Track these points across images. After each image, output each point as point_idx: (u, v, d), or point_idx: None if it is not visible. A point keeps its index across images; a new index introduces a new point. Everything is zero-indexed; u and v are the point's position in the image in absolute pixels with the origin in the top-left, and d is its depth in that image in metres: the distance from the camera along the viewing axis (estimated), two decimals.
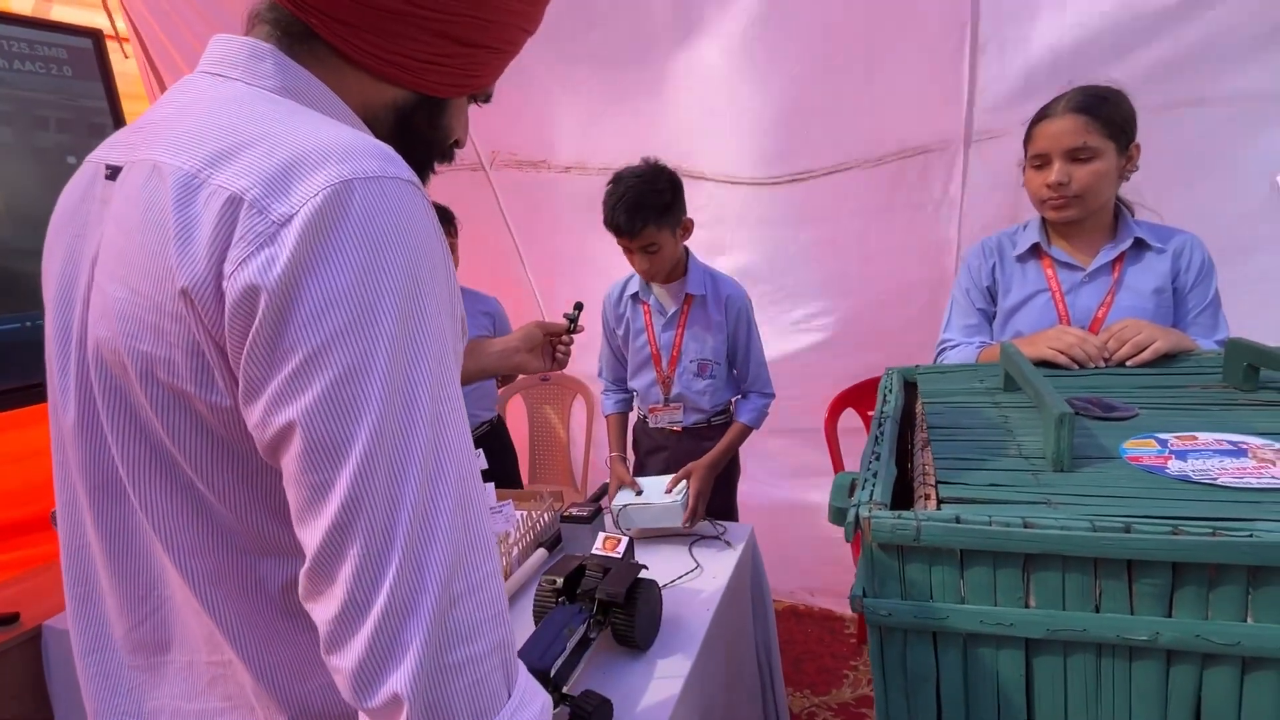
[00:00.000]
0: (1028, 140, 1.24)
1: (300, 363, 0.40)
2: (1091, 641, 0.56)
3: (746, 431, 1.70)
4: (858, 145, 1.84)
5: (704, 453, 1.70)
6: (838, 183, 1.91)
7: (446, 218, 2.04)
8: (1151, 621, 0.54)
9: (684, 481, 1.52)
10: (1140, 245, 1.23)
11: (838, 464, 2.06)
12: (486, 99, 0.67)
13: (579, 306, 1.25)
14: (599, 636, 1.07)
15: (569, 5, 1.90)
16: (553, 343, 1.18)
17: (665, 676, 1.06)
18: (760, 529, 1.55)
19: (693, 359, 1.67)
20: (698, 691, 1.10)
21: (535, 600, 1.13)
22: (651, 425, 1.77)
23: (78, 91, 1.97)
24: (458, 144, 0.67)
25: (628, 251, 1.57)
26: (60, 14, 2.15)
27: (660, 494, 1.51)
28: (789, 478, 2.41)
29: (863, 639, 2.26)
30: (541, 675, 0.91)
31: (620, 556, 1.17)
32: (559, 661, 0.94)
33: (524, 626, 1.21)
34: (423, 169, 0.64)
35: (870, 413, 2.04)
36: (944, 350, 1.38)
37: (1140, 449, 0.70)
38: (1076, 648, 0.57)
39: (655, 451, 1.80)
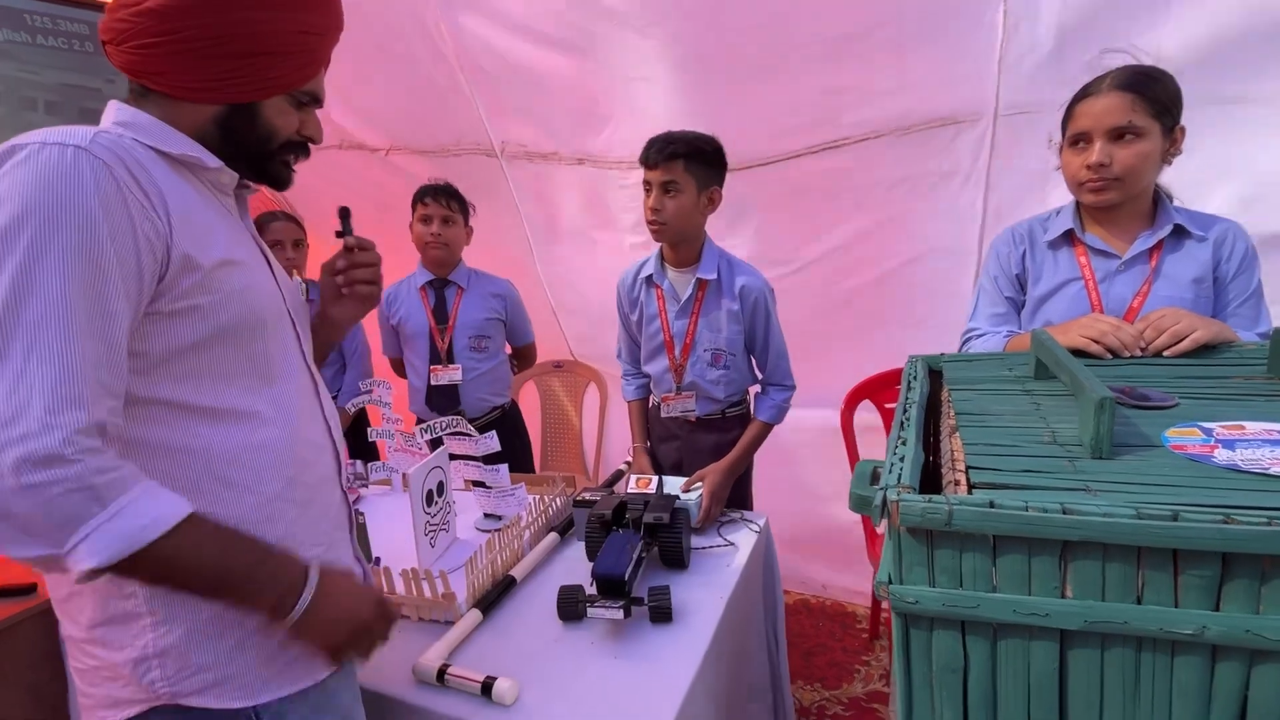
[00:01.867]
0: (1067, 119, 1.19)
1: None
2: (1132, 634, 0.53)
3: (766, 429, 1.65)
4: (889, 114, 1.81)
5: (716, 444, 1.68)
6: (867, 151, 1.88)
7: (443, 191, 2.03)
8: (1198, 615, 0.51)
9: (700, 483, 1.50)
10: (1180, 233, 1.18)
11: (854, 456, 2.04)
12: (312, 100, 0.84)
13: (344, 212, 0.99)
14: (647, 559, 1.26)
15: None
16: (339, 276, 0.98)
17: (686, 648, 1.07)
18: (772, 521, 1.53)
19: (706, 348, 1.63)
20: (713, 665, 1.08)
21: (586, 535, 1.31)
22: (664, 415, 1.74)
23: (98, 67, 1.97)
24: (311, 140, 0.86)
25: (647, 192, 1.52)
26: None
27: (676, 492, 1.50)
28: (802, 470, 2.39)
29: (874, 634, 2.24)
30: (617, 581, 1.09)
31: (654, 492, 1.39)
32: (629, 568, 1.11)
33: (548, 612, 1.20)
34: (263, 163, 0.83)
35: (888, 405, 2.03)
36: (969, 339, 1.34)
37: (1184, 437, 0.66)
38: (1115, 640, 0.54)
39: (667, 440, 1.77)
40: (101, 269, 0.64)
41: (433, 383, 2.09)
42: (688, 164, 1.47)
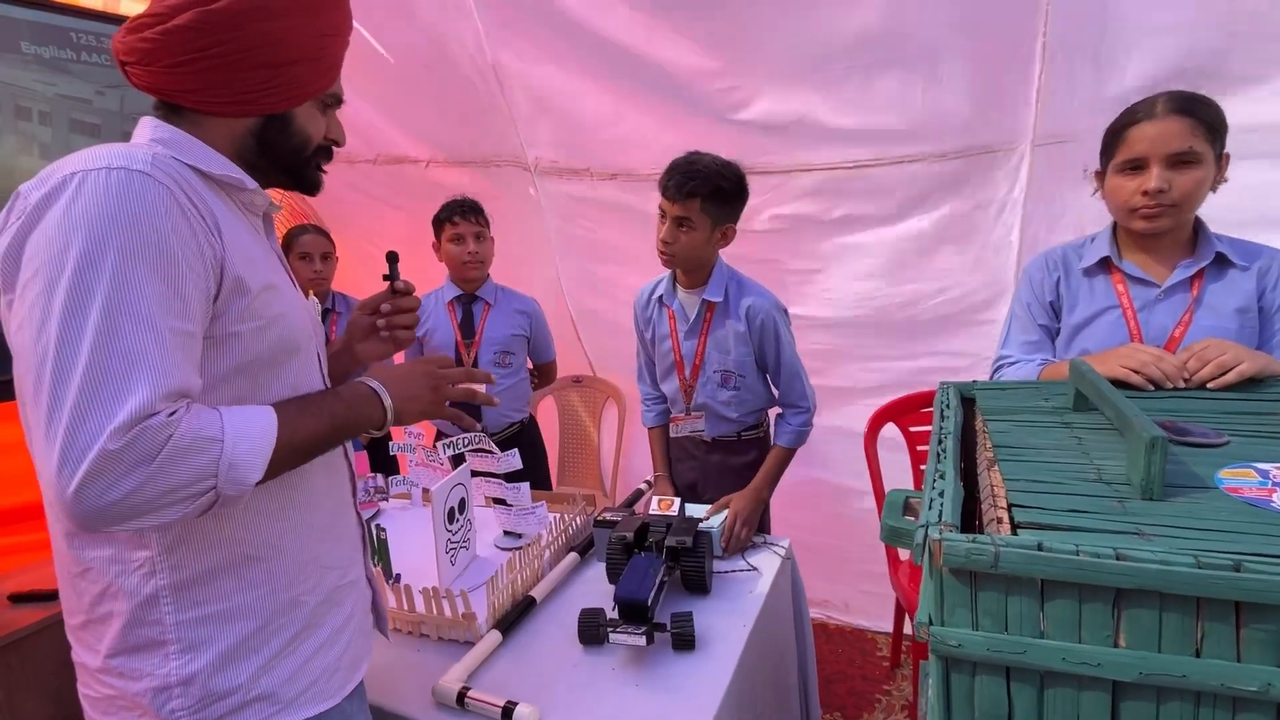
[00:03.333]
0: (1117, 144, 1.15)
1: (21, 287, 0.64)
2: (1190, 689, 0.51)
3: (788, 454, 1.62)
4: (926, 139, 1.81)
5: (731, 466, 1.66)
6: (903, 174, 1.88)
7: (471, 208, 2.03)
8: (1262, 671, 0.49)
9: (723, 511, 1.48)
10: (1222, 261, 1.15)
11: (877, 480, 2.00)
12: (335, 101, 0.85)
13: (392, 257, 0.98)
14: (669, 583, 1.24)
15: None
16: (378, 317, 0.99)
17: (710, 677, 1.05)
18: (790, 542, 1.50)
19: (716, 369, 1.62)
20: (739, 696, 1.06)
21: (608, 557, 1.28)
22: (674, 435, 1.73)
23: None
24: (336, 143, 0.87)
25: (660, 219, 1.51)
26: (129, 9, 2.21)
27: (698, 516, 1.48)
28: (823, 492, 2.35)
29: (895, 663, 2.19)
30: (640, 606, 1.08)
31: (676, 515, 1.34)
32: (652, 594, 1.10)
33: (568, 635, 1.18)
34: (300, 170, 0.84)
35: (912, 428, 1.99)
36: (1001, 367, 1.31)
37: (1239, 479, 0.64)
38: (1171, 695, 0.52)
39: (683, 460, 1.76)
40: (182, 293, 0.65)
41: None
42: (704, 203, 1.45)
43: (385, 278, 0.96)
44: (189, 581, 0.72)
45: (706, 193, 1.44)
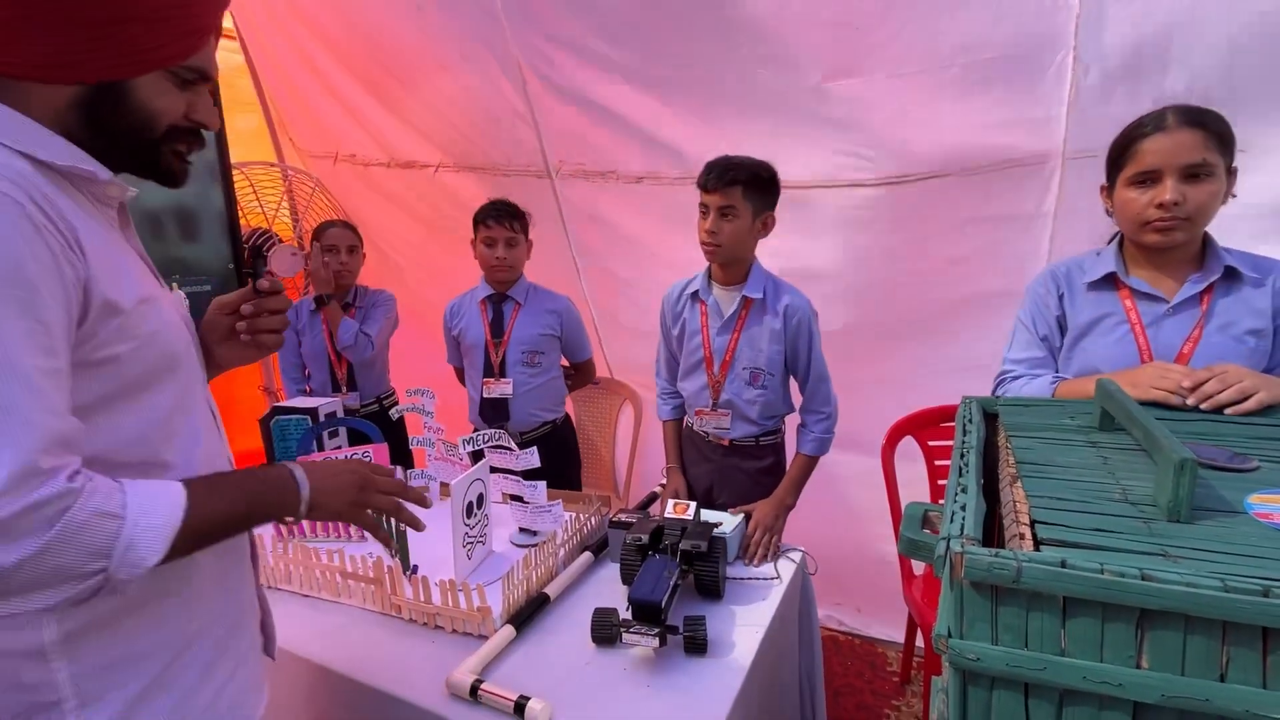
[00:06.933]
0: (1127, 157, 1.13)
1: None
2: (1214, 714, 0.51)
3: (811, 462, 1.63)
4: (956, 153, 1.81)
5: (748, 470, 1.67)
6: (933, 189, 1.88)
7: (505, 212, 2.05)
8: None
9: (740, 517, 1.48)
10: (1232, 276, 1.12)
11: (893, 494, 1.99)
12: (201, 76, 0.69)
13: (256, 251, 0.90)
14: (682, 586, 1.21)
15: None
16: (237, 318, 0.88)
17: (720, 683, 1.05)
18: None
19: (745, 366, 1.63)
20: (749, 702, 1.06)
21: (622, 558, 1.30)
22: (696, 428, 1.73)
23: None
24: (204, 126, 0.72)
25: (703, 215, 1.54)
26: None
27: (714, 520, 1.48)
28: (835, 503, 2.34)
29: (905, 678, 2.17)
30: (654, 608, 1.08)
31: (691, 519, 1.34)
32: (666, 596, 1.09)
33: (580, 633, 1.19)
34: (147, 155, 0.69)
35: (931, 442, 1.98)
36: (1004, 380, 1.29)
37: (1269, 505, 0.63)
38: (1195, 719, 0.52)
39: (699, 464, 1.76)
40: (46, 325, 0.57)
41: (484, 395, 2.12)
42: (745, 190, 1.49)
43: (246, 273, 0.86)
44: (85, 629, 0.65)
45: (746, 179, 1.49)
